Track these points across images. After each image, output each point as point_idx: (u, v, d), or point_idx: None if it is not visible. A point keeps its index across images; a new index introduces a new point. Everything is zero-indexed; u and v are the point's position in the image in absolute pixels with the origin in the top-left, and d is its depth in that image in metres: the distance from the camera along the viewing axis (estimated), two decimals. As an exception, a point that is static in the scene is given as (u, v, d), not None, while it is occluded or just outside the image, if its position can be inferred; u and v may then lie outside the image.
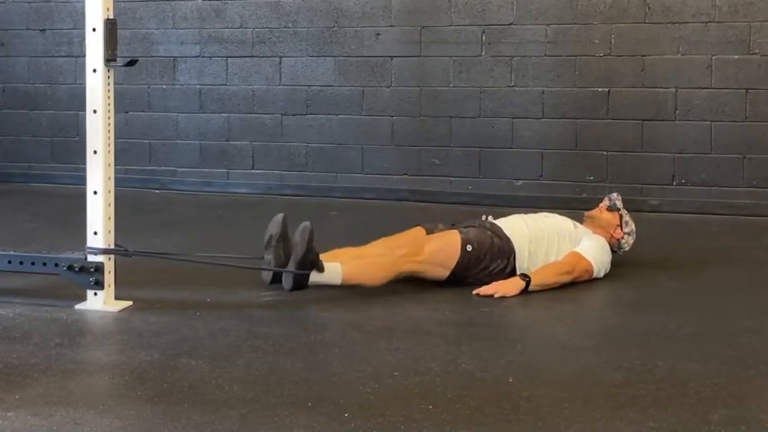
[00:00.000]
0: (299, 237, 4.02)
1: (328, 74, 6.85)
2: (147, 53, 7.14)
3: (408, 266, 4.24)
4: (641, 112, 6.31)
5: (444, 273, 4.27)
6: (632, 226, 4.64)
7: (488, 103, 6.56)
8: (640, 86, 6.29)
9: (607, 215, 4.63)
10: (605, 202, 4.68)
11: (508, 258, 4.30)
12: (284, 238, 4.13)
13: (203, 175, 7.15)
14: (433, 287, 4.30)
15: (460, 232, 4.32)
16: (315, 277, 4.08)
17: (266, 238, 4.16)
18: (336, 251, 4.28)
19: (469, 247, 4.26)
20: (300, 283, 4.08)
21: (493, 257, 4.28)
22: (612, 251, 4.57)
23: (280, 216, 4.18)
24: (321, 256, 4.12)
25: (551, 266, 4.29)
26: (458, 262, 4.25)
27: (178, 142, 7.20)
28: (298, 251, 4.02)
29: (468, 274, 4.27)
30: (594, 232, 4.54)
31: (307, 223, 4.06)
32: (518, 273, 4.26)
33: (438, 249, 4.27)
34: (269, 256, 4.14)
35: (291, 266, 4.05)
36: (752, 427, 2.72)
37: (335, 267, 4.11)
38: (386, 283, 4.18)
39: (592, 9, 6.33)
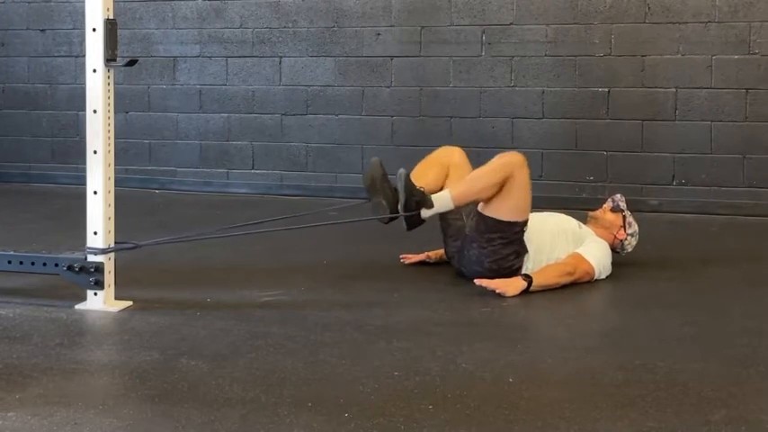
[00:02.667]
0: (399, 185, 4.12)
1: (328, 74, 6.85)
2: (147, 53, 7.14)
3: (513, 173, 4.22)
4: (641, 112, 6.31)
5: (503, 212, 4.24)
6: (635, 227, 4.64)
7: (488, 103, 6.56)
8: (640, 86, 6.29)
9: (611, 216, 4.63)
10: (609, 203, 4.68)
11: (520, 258, 4.30)
12: (385, 178, 4.18)
13: (203, 175, 7.15)
14: (432, 287, 4.31)
15: None
16: (427, 213, 4.16)
17: (368, 182, 4.20)
18: (421, 167, 4.47)
19: (525, 228, 4.29)
20: (415, 222, 4.18)
21: (517, 253, 4.28)
22: (615, 252, 4.57)
23: (376, 159, 4.24)
24: (417, 181, 4.22)
25: (553, 267, 4.29)
26: (513, 222, 4.26)
27: (178, 142, 7.20)
28: (401, 198, 4.11)
29: (494, 243, 4.25)
30: (598, 233, 4.54)
31: (402, 170, 4.14)
32: (522, 272, 4.26)
33: (524, 196, 4.27)
34: (378, 198, 4.18)
35: (401, 211, 4.13)
36: (752, 427, 2.72)
37: (445, 197, 4.20)
38: (498, 190, 4.21)
39: (592, 9, 6.33)
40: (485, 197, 4.26)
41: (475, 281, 4.13)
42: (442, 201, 4.21)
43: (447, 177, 4.48)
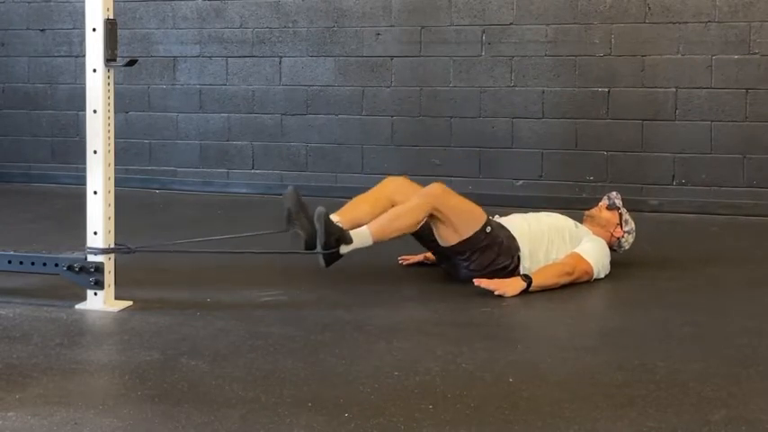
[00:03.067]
0: (317, 224, 4.04)
1: (328, 74, 6.85)
2: (147, 53, 7.14)
3: (437, 208, 4.22)
4: (641, 112, 6.31)
5: (455, 236, 4.26)
6: (632, 224, 4.64)
7: (488, 103, 6.56)
8: (640, 86, 6.29)
9: (607, 214, 4.63)
10: (605, 201, 4.68)
11: (513, 257, 4.30)
12: (302, 207, 4.13)
13: (203, 175, 7.15)
14: (432, 287, 4.31)
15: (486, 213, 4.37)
16: (346, 249, 4.11)
17: (285, 213, 4.16)
18: (352, 204, 4.39)
19: (488, 229, 4.29)
20: (333, 259, 4.11)
21: (500, 252, 4.29)
22: (613, 250, 4.57)
23: (290, 189, 4.19)
24: (340, 213, 4.21)
25: (552, 267, 4.30)
26: (473, 234, 4.25)
27: (178, 142, 7.20)
28: (320, 237, 4.05)
29: (471, 258, 4.27)
30: (594, 231, 4.54)
31: (321, 209, 4.07)
32: (521, 272, 4.26)
33: (466, 209, 4.29)
34: (295, 229, 4.13)
35: (319, 249, 4.06)
36: (752, 427, 2.72)
37: (363, 233, 4.15)
38: (418, 228, 4.21)
39: (592, 9, 6.33)
40: (409, 232, 4.27)
41: (474, 281, 4.13)
42: (362, 237, 4.14)
43: (392, 207, 4.35)
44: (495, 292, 4.08)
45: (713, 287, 4.40)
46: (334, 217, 4.18)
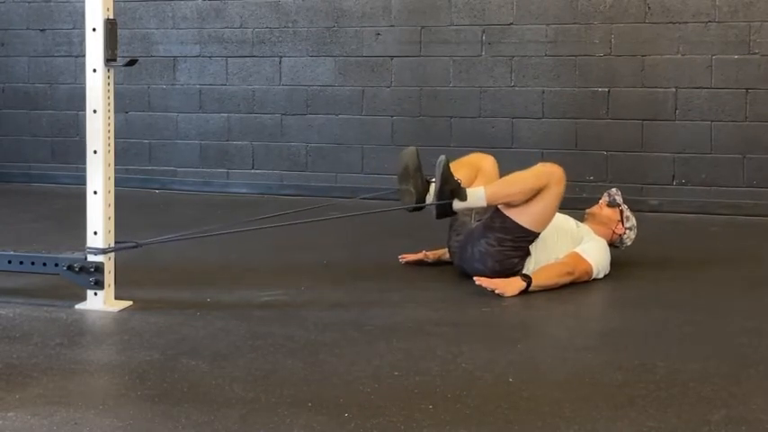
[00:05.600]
0: (436, 171, 4.10)
1: (328, 74, 6.85)
2: (147, 53, 7.15)
3: (550, 186, 4.23)
4: (641, 112, 6.31)
5: (523, 217, 4.23)
6: (633, 221, 4.64)
7: (488, 103, 6.56)
8: (640, 86, 6.29)
9: (607, 211, 4.63)
10: (605, 198, 4.68)
11: (523, 262, 4.30)
12: (419, 168, 4.17)
13: (203, 175, 7.15)
14: (432, 287, 4.31)
15: None
16: (459, 204, 4.14)
17: (401, 169, 4.19)
18: (459, 164, 4.44)
19: (537, 239, 4.28)
20: (446, 211, 4.15)
21: (519, 257, 4.28)
22: (615, 246, 4.57)
23: (411, 148, 4.24)
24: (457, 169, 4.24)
25: (552, 267, 4.29)
26: (530, 230, 4.25)
27: (178, 142, 7.20)
28: (437, 185, 4.10)
29: (504, 243, 4.25)
30: (596, 229, 4.54)
31: (442, 157, 4.13)
32: (522, 272, 4.26)
33: (553, 207, 4.27)
34: (407, 186, 4.17)
35: (433, 198, 4.12)
36: (752, 427, 2.72)
37: (478, 193, 4.18)
38: (531, 196, 4.21)
39: (592, 9, 6.33)
40: (517, 201, 4.24)
41: (474, 279, 4.13)
42: (476, 196, 4.18)
43: (476, 180, 4.46)
44: (496, 291, 4.08)
45: (713, 287, 4.40)
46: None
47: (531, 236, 4.27)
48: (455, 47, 6.57)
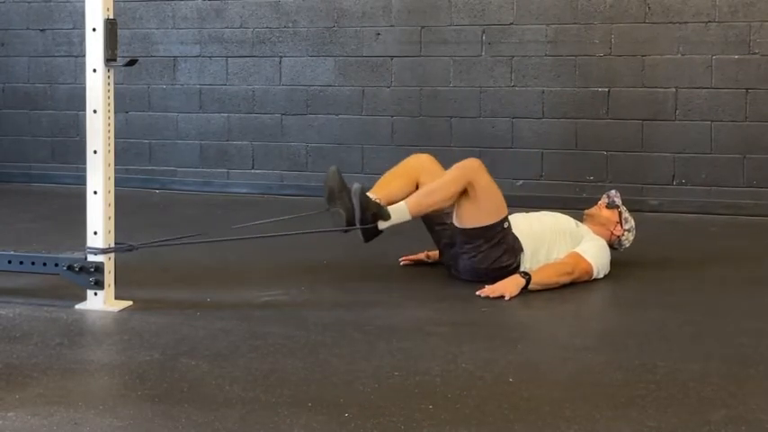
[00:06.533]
0: (354, 201, 4.08)
1: (328, 74, 6.85)
2: (147, 53, 7.14)
3: (472, 182, 4.22)
4: (641, 112, 6.31)
5: (475, 219, 4.25)
6: (632, 222, 4.64)
7: (488, 103, 6.56)
8: (640, 86, 6.29)
9: (606, 212, 4.63)
10: (604, 200, 4.68)
11: (516, 257, 4.30)
12: (343, 186, 4.16)
13: (203, 175, 7.15)
14: (432, 287, 4.31)
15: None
16: (384, 225, 4.14)
17: (326, 192, 4.18)
18: (386, 179, 4.42)
19: (506, 224, 4.29)
20: (372, 234, 4.15)
21: (506, 251, 4.28)
22: (613, 248, 4.57)
23: (333, 168, 4.21)
24: (377, 189, 4.23)
25: (552, 266, 4.29)
26: (493, 223, 4.25)
27: (178, 142, 7.20)
28: (356, 214, 4.07)
29: (482, 248, 4.25)
30: (594, 230, 4.54)
31: (356, 185, 4.10)
32: (520, 270, 4.26)
33: (495, 193, 4.28)
34: (336, 208, 4.15)
35: (357, 224, 4.09)
36: (752, 427, 2.72)
37: (401, 208, 4.17)
38: (455, 201, 4.22)
39: (592, 9, 6.33)
40: (445, 207, 4.27)
41: (477, 293, 4.12)
42: (399, 212, 4.18)
43: (418, 185, 4.41)
44: (503, 296, 4.07)
45: (713, 287, 4.40)
46: (371, 194, 4.20)
47: (498, 227, 4.27)
48: (455, 47, 6.57)
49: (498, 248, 4.27)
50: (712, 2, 6.14)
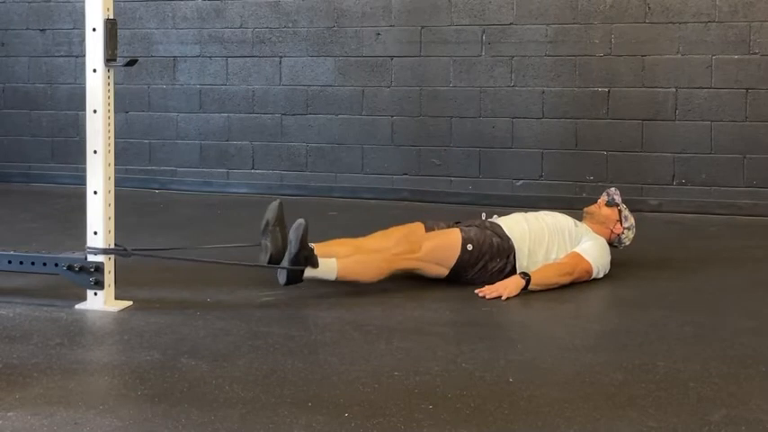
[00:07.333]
0: (292, 234, 4.00)
1: (328, 74, 6.85)
2: (147, 53, 7.14)
3: (405, 264, 4.24)
4: (641, 112, 6.31)
5: (443, 271, 4.28)
6: (632, 220, 4.64)
7: (488, 103, 6.56)
8: (640, 86, 6.29)
9: (606, 211, 4.63)
10: (604, 198, 4.68)
11: (507, 257, 4.30)
12: (280, 223, 4.12)
13: (203, 175, 7.15)
14: (432, 287, 4.31)
15: (461, 231, 4.32)
16: (309, 272, 4.06)
17: (263, 223, 4.16)
18: (333, 242, 4.32)
19: (470, 247, 4.26)
20: (295, 278, 4.06)
21: (492, 256, 4.28)
22: (613, 246, 4.57)
23: (276, 202, 4.20)
24: (317, 246, 4.12)
25: (552, 267, 4.29)
26: (457, 261, 4.25)
27: (178, 142, 7.20)
28: (291, 248, 4.00)
29: (468, 272, 4.28)
30: (594, 228, 4.54)
31: (301, 220, 4.02)
32: (518, 271, 4.26)
33: (437, 247, 4.27)
34: (266, 241, 4.13)
35: (285, 262, 4.02)
36: (752, 427, 2.72)
37: (330, 263, 4.10)
38: (381, 280, 4.19)
39: (592, 9, 6.33)
40: (367, 282, 4.19)
41: (476, 292, 4.13)
42: (328, 267, 4.08)
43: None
44: (502, 297, 4.08)
45: (713, 287, 4.40)
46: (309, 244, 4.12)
47: (465, 255, 4.23)
48: (455, 47, 6.57)
49: (481, 261, 4.27)
50: (712, 2, 6.14)
